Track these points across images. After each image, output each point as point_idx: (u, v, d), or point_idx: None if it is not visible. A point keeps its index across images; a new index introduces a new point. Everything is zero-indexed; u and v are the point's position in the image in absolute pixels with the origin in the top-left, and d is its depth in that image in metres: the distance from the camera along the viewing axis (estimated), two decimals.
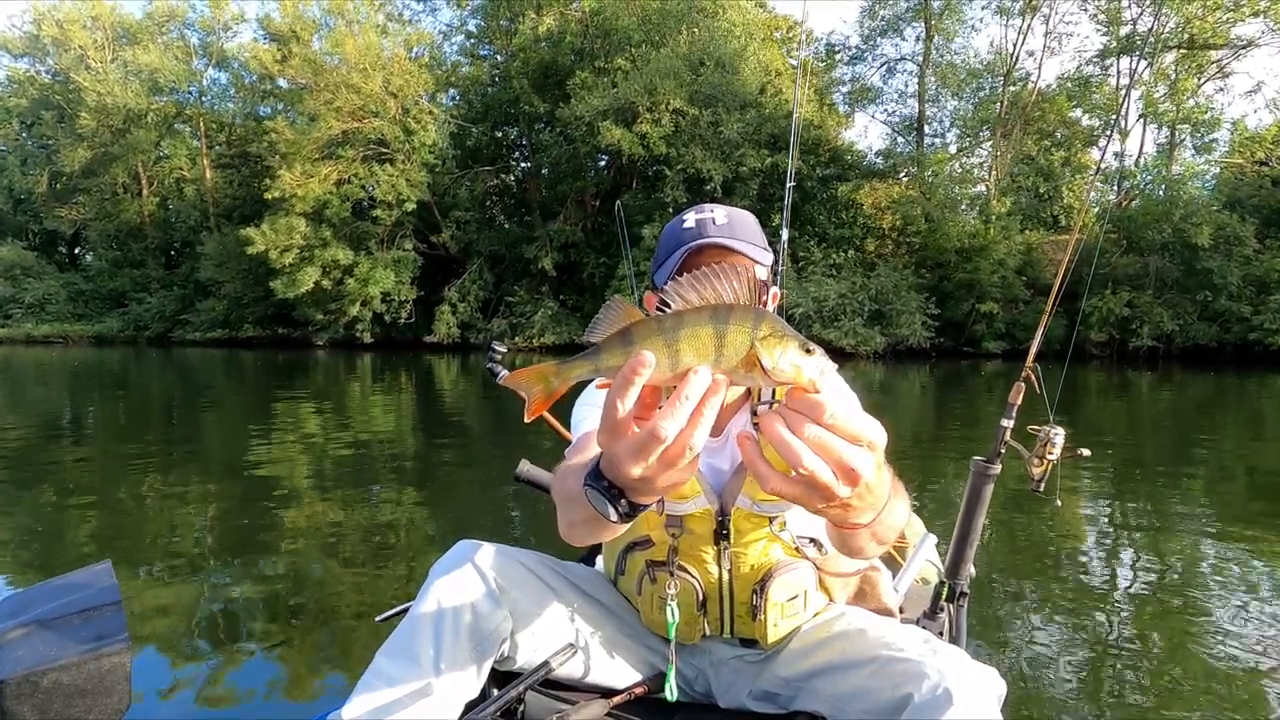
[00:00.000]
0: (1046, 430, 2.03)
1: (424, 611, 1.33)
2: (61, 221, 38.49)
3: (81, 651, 1.16)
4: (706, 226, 1.38)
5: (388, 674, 1.29)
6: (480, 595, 1.34)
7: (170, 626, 3.19)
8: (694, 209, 1.44)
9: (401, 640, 1.32)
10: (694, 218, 1.40)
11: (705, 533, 1.40)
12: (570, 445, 1.44)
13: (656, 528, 1.43)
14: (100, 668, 1.16)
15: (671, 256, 1.38)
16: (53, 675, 1.13)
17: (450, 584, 1.34)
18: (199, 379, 19.11)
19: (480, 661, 1.34)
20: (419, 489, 6.23)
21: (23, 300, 37.00)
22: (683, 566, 1.41)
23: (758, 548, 1.41)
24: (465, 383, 17.68)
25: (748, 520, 1.40)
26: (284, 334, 33.09)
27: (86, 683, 1.15)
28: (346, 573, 3.89)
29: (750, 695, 1.48)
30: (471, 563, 1.36)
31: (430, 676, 1.29)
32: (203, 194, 37.31)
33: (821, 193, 28.43)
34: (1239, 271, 23.99)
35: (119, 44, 37.56)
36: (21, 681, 1.11)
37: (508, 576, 1.38)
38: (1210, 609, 3.57)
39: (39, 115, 38.02)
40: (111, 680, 1.17)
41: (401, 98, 29.65)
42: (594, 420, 1.39)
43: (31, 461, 7.22)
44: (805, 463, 0.76)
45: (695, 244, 1.36)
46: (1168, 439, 9.84)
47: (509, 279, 31.15)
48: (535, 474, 2.18)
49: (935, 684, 1.19)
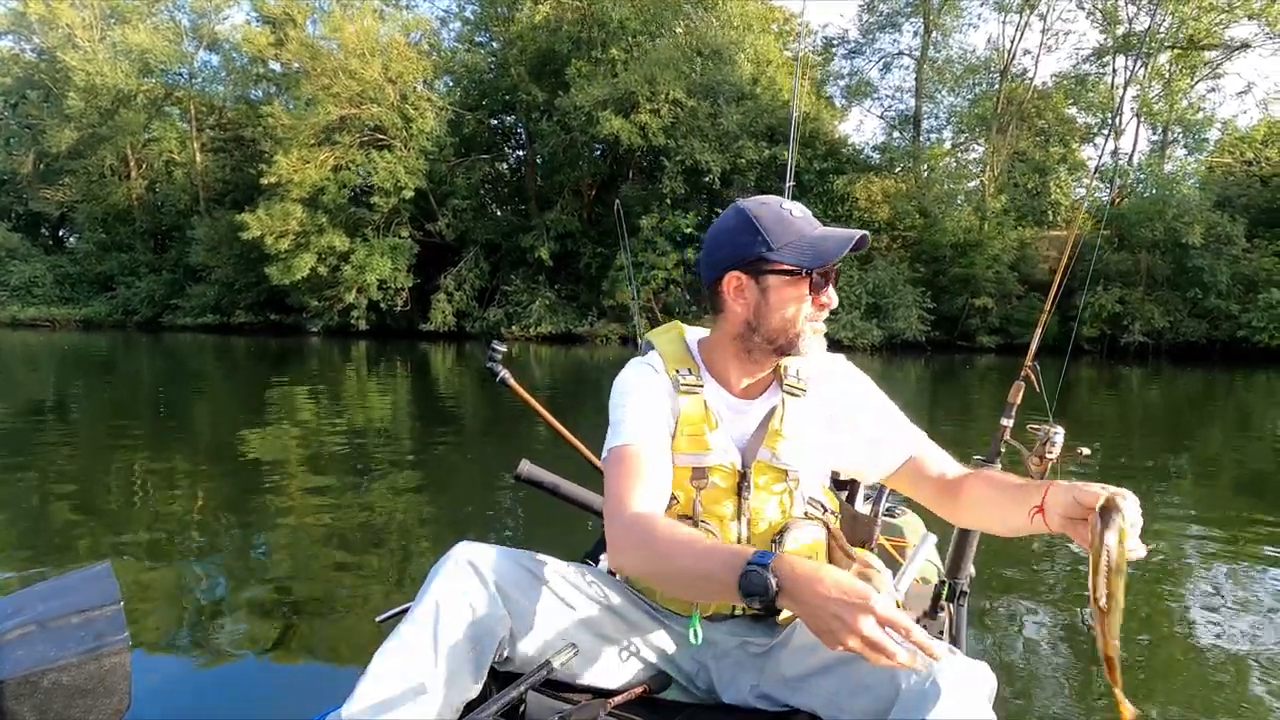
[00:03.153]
0: (1046, 429, 2.03)
1: (423, 612, 1.32)
2: (47, 203, 38.00)
3: (81, 652, 1.15)
4: (812, 218, 1.45)
5: (387, 675, 1.28)
6: (480, 596, 1.33)
7: (170, 627, 3.18)
8: (766, 200, 1.45)
9: (400, 641, 1.31)
10: (797, 208, 1.44)
11: (728, 485, 1.44)
12: (608, 455, 1.43)
13: (683, 484, 1.45)
14: (100, 668, 1.16)
15: (811, 244, 1.40)
16: (52, 675, 1.12)
17: (449, 585, 1.33)
18: (190, 364, 19.05)
19: (480, 662, 1.34)
20: (418, 484, 6.23)
21: (8, 282, 36.61)
22: (704, 521, 1.44)
23: (774, 503, 1.46)
24: (461, 372, 17.67)
25: (768, 471, 1.45)
26: (276, 320, 32.93)
27: (87, 683, 1.14)
28: (345, 572, 3.89)
29: (751, 691, 1.48)
30: (470, 563, 1.36)
31: (429, 677, 1.28)
32: (193, 178, 36.95)
33: (819, 186, 28.51)
34: (1228, 270, 24.29)
35: (107, 23, 37.08)
36: (21, 682, 1.10)
37: (507, 577, 1.37)
38: (1202, 606, 3.61)
39: (24, 94, 37.51)
40: (112, 680, 1.17)
41: (400, 84, 29.49)
42: (633, 426, 1.42)
43: (21, 450, 7.16)
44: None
45: (855, 237, 1.40)
46: (1158, 434, 9.92)
47: (505, 268, 31.11)
48: (537, 474, 2.18)
49: (924, 678, 1.19)
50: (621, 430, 1.44)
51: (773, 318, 1.41)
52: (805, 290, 1.40)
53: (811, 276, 1.39)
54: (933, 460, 1.53)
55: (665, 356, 1.51)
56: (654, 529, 1.28)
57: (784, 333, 1.42)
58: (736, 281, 1.41)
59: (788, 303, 1.40)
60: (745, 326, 1.43)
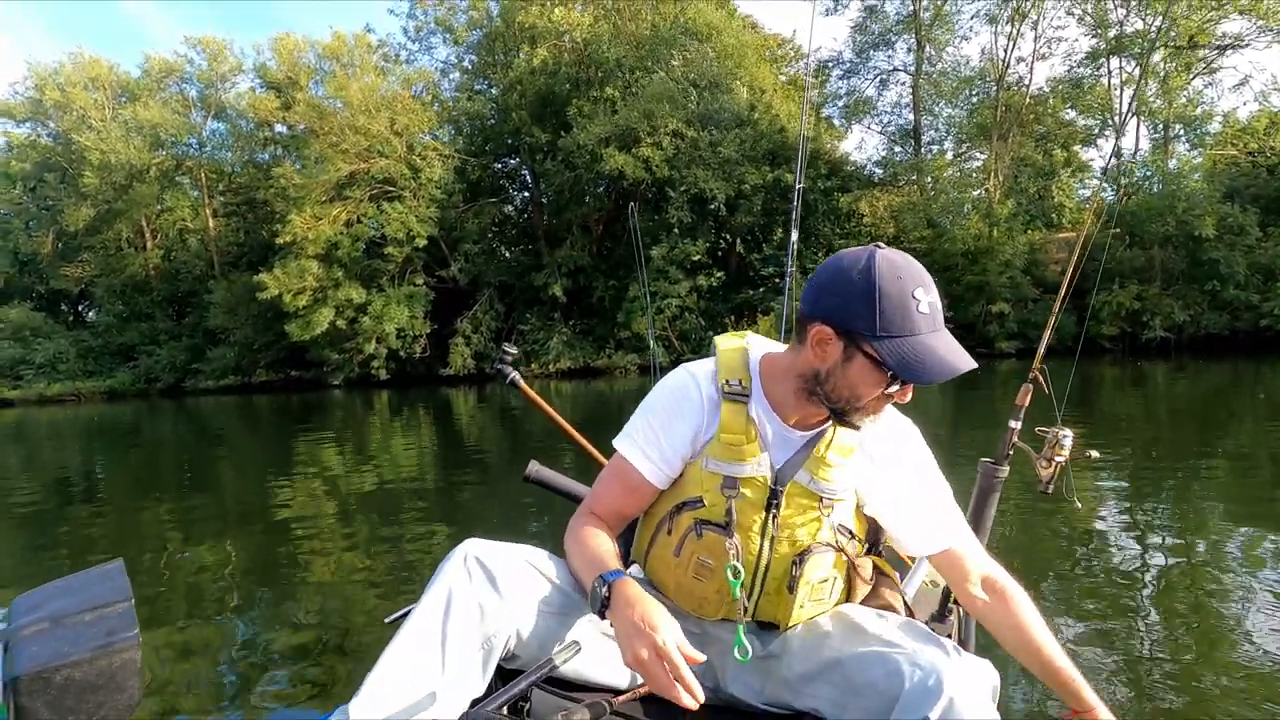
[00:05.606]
0: (1055, 432, 2.04)
1: (429, 610, 1.33)
2: (67, 280, 38.74)
3: (93, 648, 1.17)
4: (937, 318, 1.36)
5: (393, 672, 1.29)
6: (486, 593, 1.34)
7: (180, 626, 3.19)
8: (903, 275, 1.31)
9: (407, 638, 1.31)
10: (927, 300, 1.33)
11: (757, 500, 1.43)
12: (615, 450, 1.53)
13: (711, 489, 1.44)
14: (111, 664, 1.17)
15: (915, 354, 1.31)
16: (65, 671, 1.14)
17: (455, 582, 1.34)
18: (215, 424, 19.21)
19: (486, 659, 1.34)
20: (431, 506, 6.23)
21: (34, 361, 37.16)
22: (735, 532, 1.43)
23: (803, 525, 1.44)
24: (483, 413, 17.71)
25: (802, 495, 1.43)
26: (297, 376, 33.21)
27: (98, 679, 1.16)
28: (355, 574, 3.89)
29: (756, 691, 1.49)
30: (477, 560, 1.36)
31: (436, 674, 1.29)
32: (206, 243, 37.63)
33: (824, 204, 28.65)
34: (1244, 260, 24.12)
35: (119, 102, 38.05)
36: (34, 678, 1.12)
37: (513, 574, 1.38)
38: (1233, 601, 3.50)
39: (42, 178, 38.37)
40: (123, 676, 1.18)
41: (406, 136, 29.98)
42: (642, 446, 1.48)
43: (48, 523, 7.22)
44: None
45: (960, 370, 1.34)
46: (1188, 429, 9.73)
47: (520, 307, 31.35)
48: (545, 475, 2.19)
49: (926, 675, 1.21)
50: (635, 440, 1.49)
51: (842, 388, 1.35)
52: (885, 382, 1.33)
53: (898, 379, 1.33)
54: (967, 560, 1.50)
55: (721, 364, 1.49)
56: (581, 531, 1.48)
57: (848, 403, 1.37)
58: (826, 335, 1.33)
59: (863, 384, 1.34)
60: (814, 377, 1.38)
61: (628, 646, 1.23)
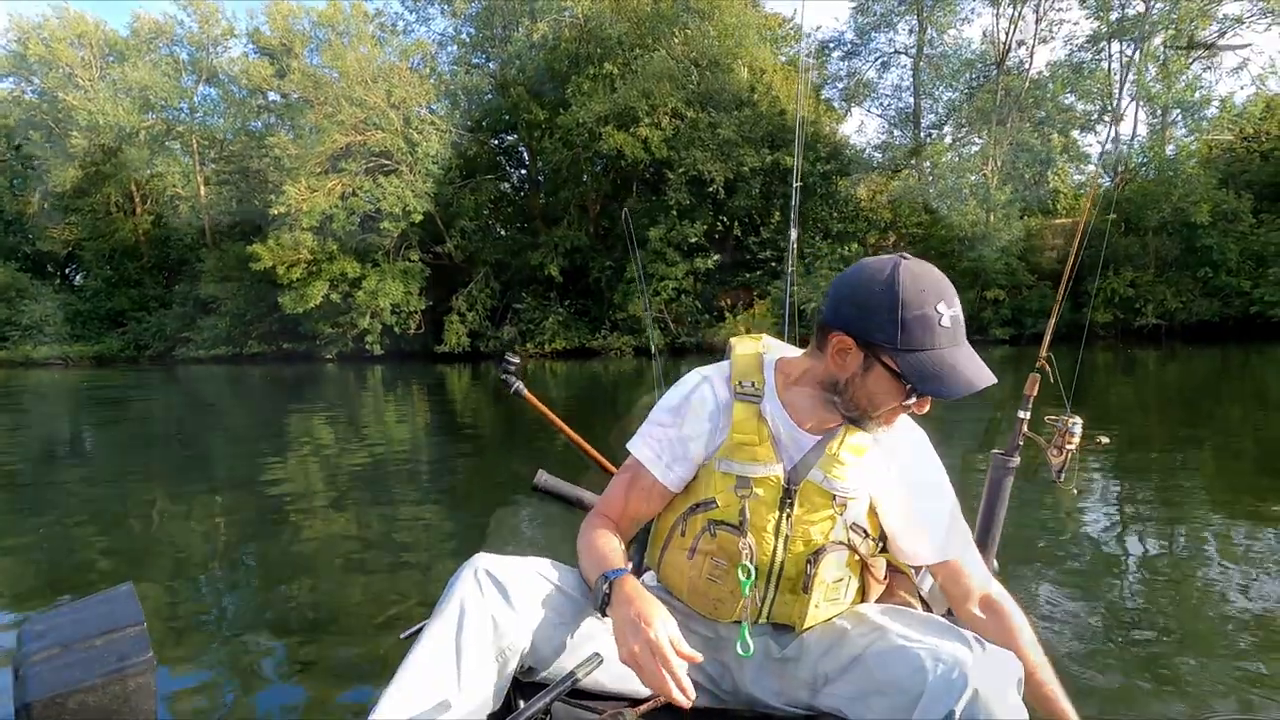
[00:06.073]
0: (1064, 420, 2.04)
1: (443, 624, 1.32)
2: (54, 242, 38.41)
3: (106, 673, 1.16)
4: (959, 332, 1.33)
5: (408, 689, 1.28)
6: (499, 606, 1.33)
7: (192, 646, 3.18)
8: (926, 287, 1.30)
9: (421, 654, 1.31)
10: (949, 314, 1.30)
11: (771, 499, 1.42)
12: (629, 452, 1.54)
13: (724, 490, 1.44)
14: (125, 689, 1.17)
15: (936, 369, 1.30)
16: (78, 697, 1.13)
17: (468, 596, 1.34)
18: (206, 394, 19.14)
19: (501, 673, 1.34)
20: (437, 501, 6.22)
21: (19, 322, 36.92)
22: (749, 532, 1.43)
23: (817, 524, 1.43)
24: (477, 392, 17.69)
25: (816, 494, 1.42)
26: (290, 348, 33.09)
27: (112, 703, 1.16)
28: (369, 589, 3.88)
29: (775, 692, 1.48)
30: (488, 573, 1.36)
31: (452, 690, 1.29)
32: (198, 210, 37.23)
33: (823, 188, 28.47)
34: (1236, 247, 24.18)
35: (106, 61, 37.41)
36: (48, 704, 1.11)
37: (526, 587, 1.37)
38: (1232, 588, 3.53)
39: (27, 135, 37.78)
40: (137, 700, 1.18)
41: (403, 109, 29.68)
42: (657, 449, 1.49)
43: (41, 484, 7.21)
44: None
45: (979, 386, 1.32)
46: (1178, 415, 9.81)
47: (516, 286, 31.24)
48: (554, 484, 2.18)
49: (950, 668, 1.20)
50: (648, 443, 1.50)
51: (860, 397, 1.36)
52: (903, 394, 1.34)
53: (916, 392, 1.33)
54: (968, 576, 1.50)
55: (735, 366, 1.50)
56: (591, 533, 1.49)
57: (864, 412, 1.38)
58: (845, 345, 1.34)
59: (881, 395, 1.35)
60: (831, 384, 1.39)
61: (622, 642, 1.25)
